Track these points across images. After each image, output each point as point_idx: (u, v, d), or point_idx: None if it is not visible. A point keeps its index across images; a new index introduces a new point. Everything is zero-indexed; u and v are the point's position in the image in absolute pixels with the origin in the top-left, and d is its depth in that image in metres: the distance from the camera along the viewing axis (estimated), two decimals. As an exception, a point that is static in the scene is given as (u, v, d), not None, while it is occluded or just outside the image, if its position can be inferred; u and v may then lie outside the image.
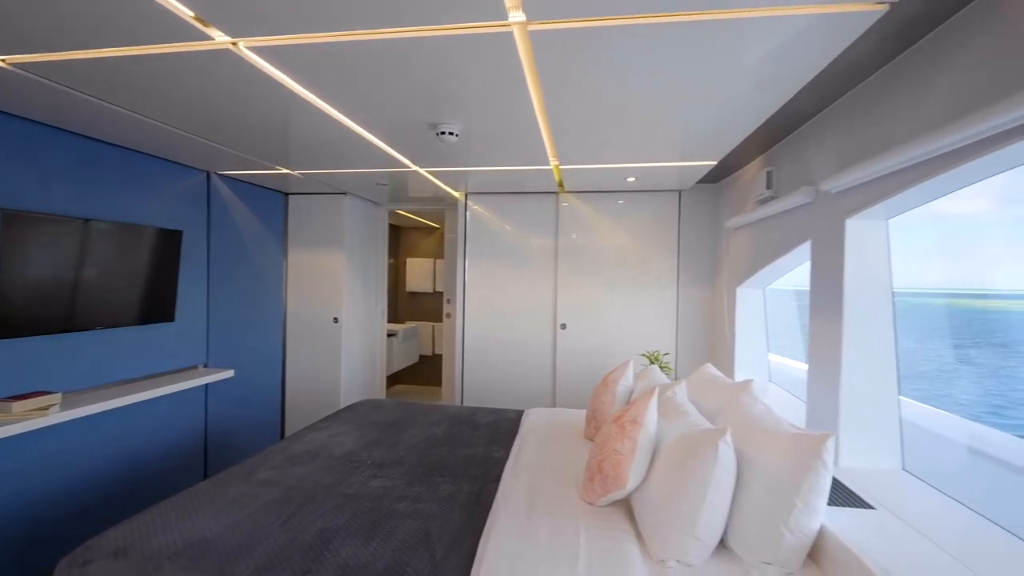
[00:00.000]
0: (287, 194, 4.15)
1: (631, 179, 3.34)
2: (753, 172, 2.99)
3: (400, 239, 6.54)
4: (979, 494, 1.72)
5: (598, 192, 3.83)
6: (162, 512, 1.66)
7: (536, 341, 3.93)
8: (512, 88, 1.79)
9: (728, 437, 1.44)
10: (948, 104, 1.45)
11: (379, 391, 4.74)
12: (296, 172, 3.30)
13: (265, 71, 1.66)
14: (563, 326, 3.86)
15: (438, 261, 6.29)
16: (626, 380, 2.41)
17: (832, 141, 2.12)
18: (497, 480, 1.97)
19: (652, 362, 3.33)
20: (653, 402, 1.72)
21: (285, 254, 4.16)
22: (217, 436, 3.40)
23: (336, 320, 4.11)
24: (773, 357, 3.33)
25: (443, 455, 2.24)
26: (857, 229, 1.95)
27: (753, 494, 1.46)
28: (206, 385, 3.28)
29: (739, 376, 3.24)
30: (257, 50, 1.54)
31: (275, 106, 2.01)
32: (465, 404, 4.00)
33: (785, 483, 1.40)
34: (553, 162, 2.91)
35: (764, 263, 2.80)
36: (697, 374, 2.42)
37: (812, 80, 1.73)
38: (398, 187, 3.80)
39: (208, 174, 3.33)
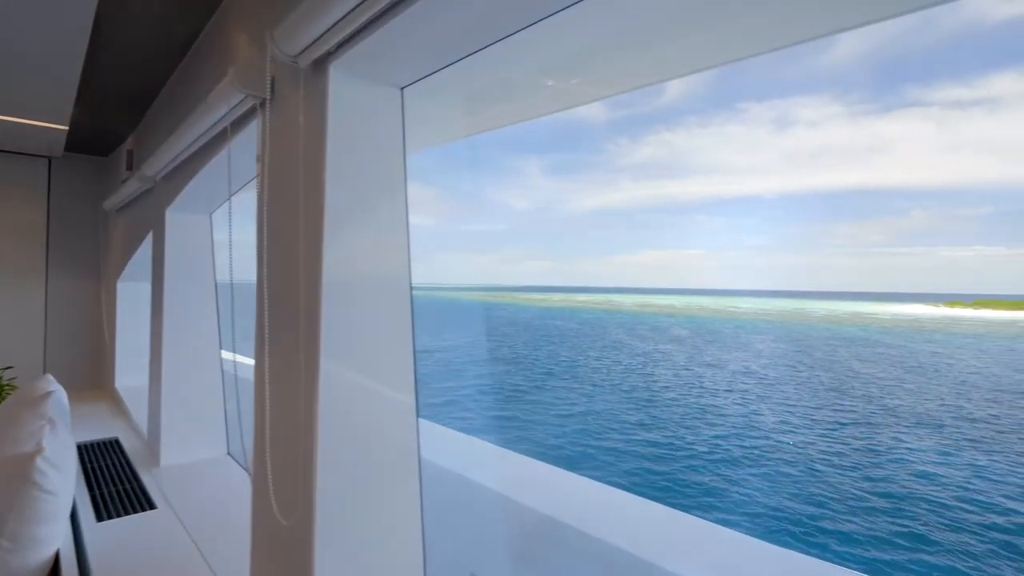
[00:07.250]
0: None
1: (-65, 125, 2.34)
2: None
3: None
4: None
5: None
6: None
7: None
8: None
9: None
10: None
11: None
12: None
13: None
14: None
15: None
16: None
17: (165, 120, 2.01)
18: None
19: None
20: None
21: None
22: None
23: None
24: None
25: None
26: (177, 221, 1.90)
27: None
28: None
29: (119, 381, 2.81)
30: None
31: None
32: None
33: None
34: None
35: (132, 254, 2.49)
36: (26, 388, 1.86)
37: (154, 53, 1.57)
38: None
39: None
